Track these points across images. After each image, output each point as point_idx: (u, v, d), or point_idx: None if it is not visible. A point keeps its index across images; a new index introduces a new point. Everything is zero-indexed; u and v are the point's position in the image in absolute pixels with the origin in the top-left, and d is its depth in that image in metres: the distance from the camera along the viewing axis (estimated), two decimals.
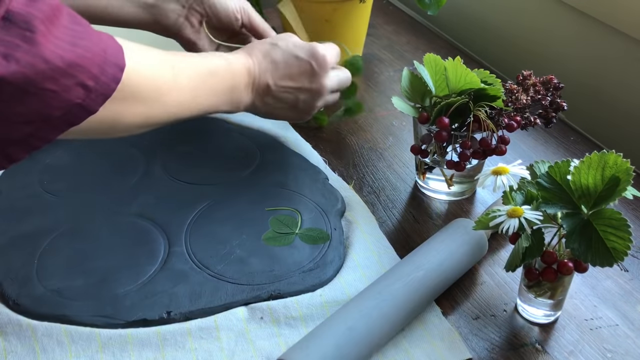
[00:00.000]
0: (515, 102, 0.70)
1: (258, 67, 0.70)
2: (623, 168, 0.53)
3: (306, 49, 0.72)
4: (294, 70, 0.71)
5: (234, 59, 0.69)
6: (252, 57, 0.70)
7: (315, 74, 0.72)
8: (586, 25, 0.95)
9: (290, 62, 0.71)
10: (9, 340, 0.59)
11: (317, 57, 0.72)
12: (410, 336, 0.61)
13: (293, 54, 0.72)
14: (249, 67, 0.69)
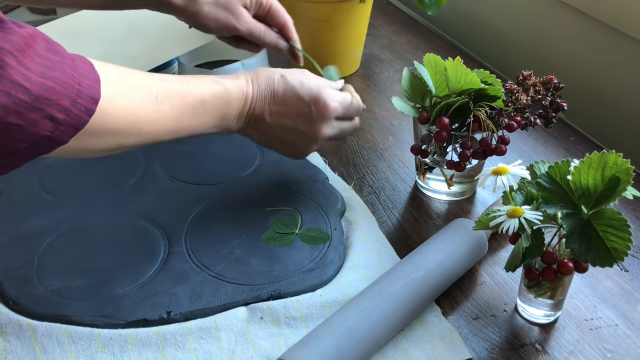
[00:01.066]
0: (515, 102, 0.70)
1: (257, 96, 0.66)
2: (623, 168, 0.53)
3: (310, 91, 0.68)
4: (291, 109, 0.67)
5: (232, 85, 0.65)
6: (254, 85, 0.66)
7: (312, 119, 0.68)
8: (586, 26, 0.95)
9: (290, 99, 0.67)
10: (9, 340, 0.59)
11: (318, 102, 0.68)
12: (410, 336, 0.61)
13: (295, 92, 0.67)
14: (247, 95, 0.66)
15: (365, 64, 1.10)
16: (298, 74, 0.69)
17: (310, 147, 0.70)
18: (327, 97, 0.68)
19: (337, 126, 0.71)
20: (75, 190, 0.77)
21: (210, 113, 0.63)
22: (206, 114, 0.62)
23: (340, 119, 0.71)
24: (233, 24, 0.77)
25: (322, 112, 0.68)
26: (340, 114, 0.70)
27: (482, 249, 0.68)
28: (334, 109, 0.68)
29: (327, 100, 0.68)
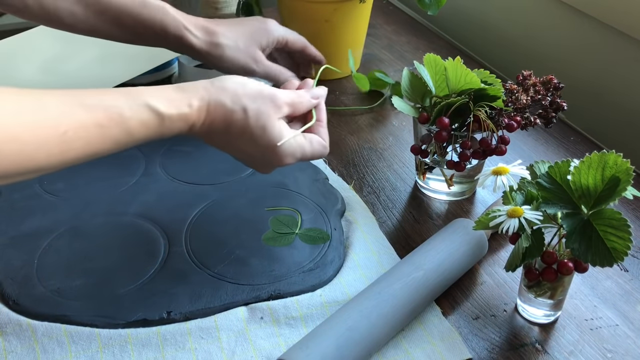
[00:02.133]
0: (515, 102, 0.70)
1: (207, 127, 0.59)
2: (623, 168, 0.53)
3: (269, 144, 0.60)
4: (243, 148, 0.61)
5: (174, 114, 0.56)
6: (207, 117, 0.58)
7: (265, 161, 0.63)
8: (586, 25, 0.95)
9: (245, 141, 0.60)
10: (9, 340, 0.59)
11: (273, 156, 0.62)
12: (410, 336, 0.61)
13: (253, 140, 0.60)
14: (193, 125, 0.58)
15: (365, 64, 1.10)
16: (265, 109, 0.60)
17: (270, 171, 0.65)
18: (284, 154, 0.61)
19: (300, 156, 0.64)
20: (75, 190, 0.77)
21: (137, 142, 0.55)
22: (132, 143, 0.55)
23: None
24: (251, 67, 0.79)
25: (276, 162, 0.62)
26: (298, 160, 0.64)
27: (482, 249, 0.68)
28: (288, 163, 0.63)
29: (283, 157, 0.62)
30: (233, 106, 0.59)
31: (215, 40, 0.77)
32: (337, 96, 1.01)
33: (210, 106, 0.58)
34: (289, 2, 0.99)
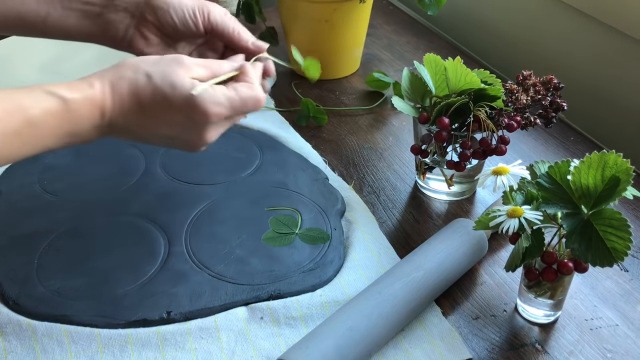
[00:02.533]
0: (515, 102, 0.70)
1: (119, 108, 0.54)
2: (623, 168, 0.53)
3: (183, 96, 0.55)
4: (164, 120, 0.56)
5: (79, 98, 0.52)
6: (114, 95, 0.54)
7: (190, 127, 0.57)
8: (586, 25, 0.95)
9: (160, 109, 0.55)
10: (9, 340, 0.59)
11: (194, 110, 0.55)
12: (410, 336, 0.61)
13: (166, 99, 0.55)
14: (103, 108, 0.54)
15: (365, 64, 1.10)
16: (169, 69, 0.55)
17: (196, 149, 0.60)
18: (206, 102, 0.55)
19: (229, 124, 0.60)
20: (75, 190, 0.77)
21: (48, 135, 0.51)
22: (43, 137, 0.51)
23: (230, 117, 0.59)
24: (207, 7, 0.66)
25: (202, 120, 0.56)
26: (228, 115, 0.58)
27: (482, 249, 0.68)
28: (216, 114, 0.56)
29: (207, 106, 0.55)
30: (135, 75, 0.55)
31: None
32: (337, 96, 1.01)
33: (112, 82, 0.54)
34: (289, 2, 0.99)
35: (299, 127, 0.92)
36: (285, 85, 1.03)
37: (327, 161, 0.85)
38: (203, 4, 0.67)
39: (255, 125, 0.90)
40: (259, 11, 1.03)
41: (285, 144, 0.86)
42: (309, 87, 1.03)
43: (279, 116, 0.94)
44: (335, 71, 1.05)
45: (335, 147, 0.88)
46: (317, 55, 1.03)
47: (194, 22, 0.66)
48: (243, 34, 0.67)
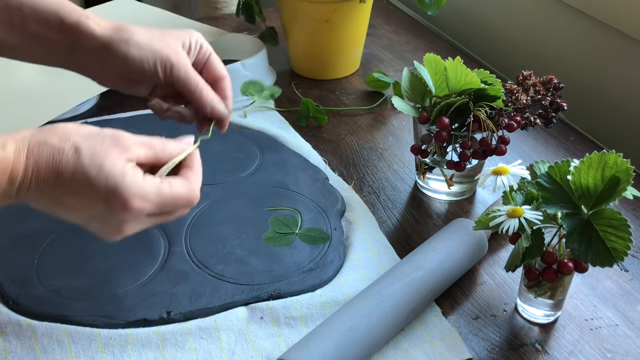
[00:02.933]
0: (515, 102, 0.70)
1: (33, 176, 0.47)
2: (623, 168, 0.53)
3: (108, 181, 0.48)
4: (79, 202, 0.49)
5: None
6: (29, 159, 0.47)
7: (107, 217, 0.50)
8: (586, 25, 0.95)
9: (79, 188, 0.48)
10: (9, 340, 0.59)
11: (116, 198, 0.48)
12: (410, 336, 0.61)
13: (88, 180, 0.48)
14: (13, 173, 0.47)
15: (365, 64, 1.10)
16: (102, 148, 0.49)
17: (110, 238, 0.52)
18: (129, 194, 0.48)
19: (151, 222, 0.52)
20: None
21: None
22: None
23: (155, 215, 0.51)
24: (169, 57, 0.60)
25: (121, 212, 0.49)
26: (153, 212, 0.50)
27: (482, 249, 0.68)
28: (138, 209, 0.49)
29: (130, 199, 0.48)
30: (61, 144, 0.48)
31: (124, 27, 0.61)
32: (337, 96, 1.01)
33: (31, 147, 0.47)
34: (289, 2, 0.99)
35: (299, 127, 0.92)
36: (285, 85, 1.03)
37: (327, 161, 0.85)
38: (166, 56, 0.61)
39: (255, 125, 0.90)
40: (259, 11, 1.03)
41: (285, 144, 0.86)
42: (309, 87, 1.03)
43: (279, 116, 0.94)
44: (335, 71, 1.05)
45: (335, 147, 0.89)
46: (317, 55, 1.03)
47: (152, 74, 0.61)
48: (205, 96, 0.62)
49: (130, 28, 0.61)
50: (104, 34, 0.61)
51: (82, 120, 0.90)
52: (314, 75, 1.05)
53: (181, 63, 0.61)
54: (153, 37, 0.61)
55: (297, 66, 1.07)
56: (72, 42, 0.61)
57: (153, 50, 0.61)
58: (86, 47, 0.61)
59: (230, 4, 1.49)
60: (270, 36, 1.07)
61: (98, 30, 0.61)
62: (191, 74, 0.62)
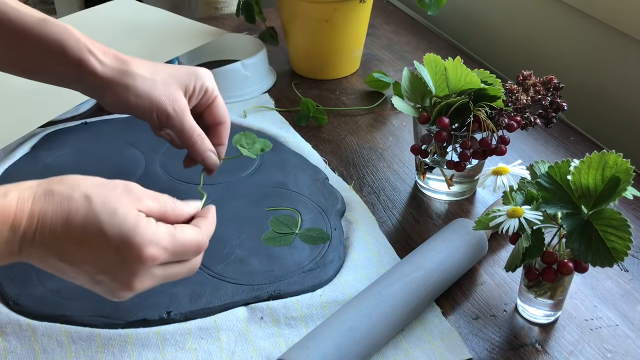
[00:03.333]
0: (515, 102, 0.70)
1: (38, 226, 0.45)
2: (623, 168, 0.53)
3: (121, 229, 0.46)
4: (90, 252, 0.47)
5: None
6: (32, 210, 0.45)
7: (118, 269, 0.47)
8: (586, 26, 0.95)
9: (90, 237, 0.46)
10: (8, 340, 0.59)
11: (130, 247, 0.46)
12: (410, 336, 0.61)
13: (100, 228, 0.46)
14: (17, 221, 0.45)
15: (365, 64, 1.10)
16: (114, 195, 0.47)
17: (118, 296, 0.49)
18: (142, 242, 0.47)
19: (162, 275, 0.50)
20: None
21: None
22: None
23: (167, 264, 0.50)
24: (165, 108, 0.62)
25: (134, 261, 0.47)
26: (165, 260, 0.49)
27: (482, 249, 0.68)
28: (152, 258, 0.47)
29: (142, 247, 0.46)
30: (70, 192, 0.46)
31: (126, 68, 0.62)
32: (337, 96, 1.01)
33: (36, 196, 0.46)
34: (289, 2, 0.99)
35: (299, 127, 0.92)
36: (285, 85, 1.03)
37: (327, 161, 0.85)
38: (163, 107, 0.62)
39: (255, 125, 0.90)
40: (259, 11, 1.03)
41: (285, 144, 0.86)
42: (309, 87, 1.03)
43: (279, 116, 0.94)
44: (335, 71, 1.05)
45: (335, 147, 0.88)
46: (317, 55, 1.03)
47: (149, 119, 0.63)
48: (198, 147, 0.64)
49: (132, 69, 0.62)
50: (105, 74, 0.62)
51: (82, 120, 0.90)
52: (314, 75, 1.05)
53: (177, 115, 0.63)
54: (154, 81, 0.62)
55: (297, 66, 1.07)
56: (75, 76, 0.63)
57: (151, 100, 0.62)
58: (88, 83, 0.62)
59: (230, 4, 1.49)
60: (270, 36, 1.07)
61: (99, 70, 0.62)
62: (186, 126, 0.63)
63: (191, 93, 0.65)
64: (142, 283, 0.48)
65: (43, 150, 0.83)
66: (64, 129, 0.88)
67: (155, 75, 0.62)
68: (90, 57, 0.62)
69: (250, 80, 0.98)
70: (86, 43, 0.62)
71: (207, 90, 0.65)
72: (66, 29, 0.62)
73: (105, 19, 1.07)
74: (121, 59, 0.63)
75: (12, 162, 0.81)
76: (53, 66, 0.63)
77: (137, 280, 0.48)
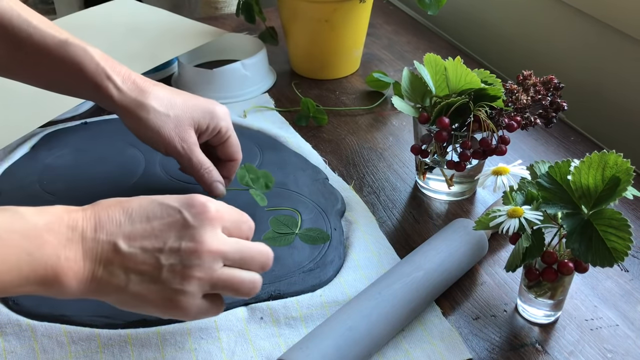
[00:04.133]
0: (515, 102, 0.70)
1: (95, 218, 0.48)
2: (623, 168, 0.53)
3: (180, 197, 0.50)
4: (156, 222, 0.48)
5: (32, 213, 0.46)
6: (84, 210, 0.49)
7: (187, 225, 0.48)
8: (587, 25, 0.95)
9: (152, 211, 0.49)
10: (8, 340, 0.59)
11: (193, 204, 0.49)
12: (411, 336, 0.61)
13: (158, 201, 0.50)
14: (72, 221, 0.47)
15: (365, 64, 1.10)
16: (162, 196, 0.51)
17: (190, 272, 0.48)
18: (204, 198, 0.50)
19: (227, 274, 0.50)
20: (75, 190, 0.77)
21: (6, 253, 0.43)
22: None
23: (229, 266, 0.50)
24: (175, 146, 0.65)
25: (202, 214, 0.49)
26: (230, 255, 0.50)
27: (482, 249, 0.68)
28: (216, 212, 0.49)
29: (207, 201, 0.49)
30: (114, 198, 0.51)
31: (142, 100, 0.64)
32: (337, 96, 1.01)
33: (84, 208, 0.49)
34: (289, 2, 0.99)
35: (299, 127, 0.92)
36: (285, 85, 1.03)
37: (327, 161, 0.85)
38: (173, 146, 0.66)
39: (255, 125, 0.90)
40: (259, 11, 1.03)
41: (285, 144, 0.86)
42: (309, 87, 1.03)
43: (279, 116, 0.94)
44: (335, 71, 1.05)
45: (335, 147, 0.88)
46: (317, 55, 1.03)
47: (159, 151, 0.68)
48: (206, 178, 0.68)
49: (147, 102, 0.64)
50: (121, 102, 0.64)
51: (82, 120, 0.90)
52: (314, 75, 1.05)
53: (186, 152, 0.66)
54: (168, 117, 0.65)
55: (297, 66, 1.07)
56: (94, 97, 0.66)
57: (161, 136, 0.65)
58: (104, 104, 0.66)
59: (230, 4, 1.49)
60: (270, 36, 1.07)
61: (116, 97, 0.64)
62: (194, 161, 0.67)
63: (203, 130, 0.67)
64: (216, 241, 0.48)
65: (43, 150, 0.83)
66: (64, 129, 0.88)
67: (169, 110, 0.65)
68: (109, 83, 0.64)
69: (250, 80, 0.98)
70: (105, 68, 0.64)
71: (220, 130, 0.68)
72: (86, 51, 0.64)
73: (105, 19, 1.07)
74: (140, 88, 0.65)
75: (12, 162, 0.81)
76: (73, 86, 0.66)
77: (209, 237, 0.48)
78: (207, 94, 0.97)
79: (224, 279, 0.49)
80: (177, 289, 0.48)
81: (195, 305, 0.49)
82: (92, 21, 1.07)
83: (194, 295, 0.49)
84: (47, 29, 0.64)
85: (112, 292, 0.48)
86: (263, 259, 0.52)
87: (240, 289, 0.50)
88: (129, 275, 0.47)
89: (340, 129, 0.93)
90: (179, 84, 1.00)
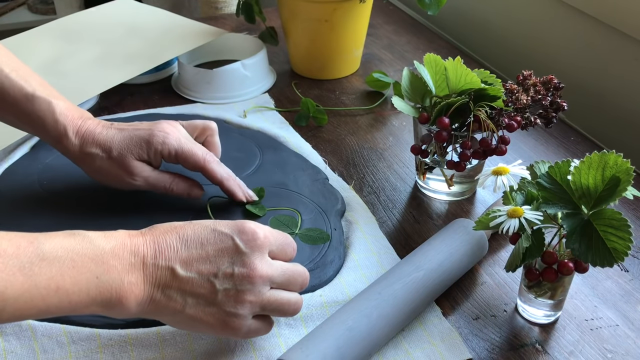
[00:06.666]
0: (515, 102, 0.70)
1: (154, 245, 0.52)
2: (623, 168, 0.53)
3: (231, 224, 0.54)
4: (210, 248, 0.52)
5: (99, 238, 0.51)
6: (145, 236, 0.53)
7: (239, 251, 0.52)
8: (587, 25, 0.95)
9: (205, 237, 0.53)
10: (8, 340, 0.59)
11: (244, 231, 0.53)
12: (410, 336, 0.61)
13: (211, 228, 0.53)
14: (134, 246, 0.51)
15: (365, 64, 1.10)
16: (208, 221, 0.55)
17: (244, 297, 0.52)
18: (255, 225, 0.54)
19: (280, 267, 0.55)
20: (75, 190, 0.77)
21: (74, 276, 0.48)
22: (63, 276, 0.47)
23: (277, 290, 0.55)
24: (127, 181, 0.71)
25: (252, 241, 0.53)
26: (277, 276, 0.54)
27: (482, 249, 0.68)
28: (264, 238, 0.54)
29: (256, 228, 0.54)
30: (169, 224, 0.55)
31: (87, 150, 0.70)
32: (337, 96, 1.01)
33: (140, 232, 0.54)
34: (289, 2, 0.99)
35: (299, 127, 0.92)
36: (285, 85, 1.03)
37: (327, 161, 0.85)
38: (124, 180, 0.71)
39: (255, 125, 0.90)
40: (259, 11, 1.03)
41: (285, 144, 0.86)
42: (309, 87, 1.03)
43: (279, 116, 0.94)
44: (335, 71, 1.05)
45: (335, 147, 0.88)
46: (317, 55, 1.03)
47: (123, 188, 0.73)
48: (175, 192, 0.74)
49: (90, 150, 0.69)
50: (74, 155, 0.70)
51: None
52: (314, 75, 1.05)
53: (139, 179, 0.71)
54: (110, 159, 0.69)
55: (297, 66, 1.07)
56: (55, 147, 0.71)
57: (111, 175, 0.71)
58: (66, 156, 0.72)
59: (230, 4, 1.50)
60: (270, 36, 1.07)
61: (71, 150, 0.70)
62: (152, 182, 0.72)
63: (146, 159, 0.71)
64: (265, 266, 0.53)
65: (43, 150, 0.83)
66: None
67: (110, 152, 0.69)
68: (64, 138, 0.69)
69: (250, 80, 0.98)
70: (64, 123, 0.69)
71: (163, 154, 0.71)
72: (50, 106, 0.69)
73: (105, 19, 1.08)
74: (86, 139, 0.69)
75: (12, 162, 0.81)
76: (37, 134, 0.71)
77: (259, 262, 0.53)
78: (207, 94, 0.97)
79: (273, 301, 0.54)
80: (231, 311, 0.52)
81: (247, 325, 0.54)
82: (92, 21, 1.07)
83: (246, 317, 0.53)
84: (17, 80, 0.68)
85: (169, 313, 0.52)
86: (302, 279, 0.56)
87: (287, 310, 0.56)
88: (186, 299, 0.52)
89: (340, 129, 0.93)
90: (179, 84, 1.00)
